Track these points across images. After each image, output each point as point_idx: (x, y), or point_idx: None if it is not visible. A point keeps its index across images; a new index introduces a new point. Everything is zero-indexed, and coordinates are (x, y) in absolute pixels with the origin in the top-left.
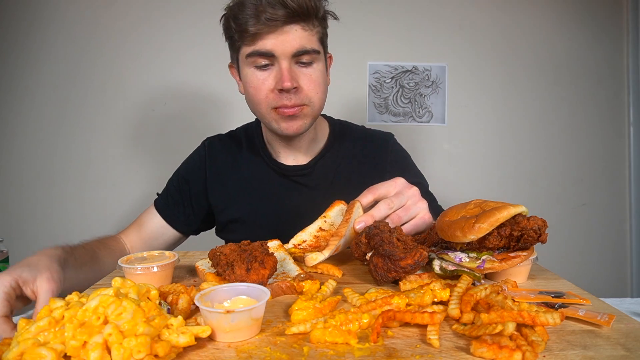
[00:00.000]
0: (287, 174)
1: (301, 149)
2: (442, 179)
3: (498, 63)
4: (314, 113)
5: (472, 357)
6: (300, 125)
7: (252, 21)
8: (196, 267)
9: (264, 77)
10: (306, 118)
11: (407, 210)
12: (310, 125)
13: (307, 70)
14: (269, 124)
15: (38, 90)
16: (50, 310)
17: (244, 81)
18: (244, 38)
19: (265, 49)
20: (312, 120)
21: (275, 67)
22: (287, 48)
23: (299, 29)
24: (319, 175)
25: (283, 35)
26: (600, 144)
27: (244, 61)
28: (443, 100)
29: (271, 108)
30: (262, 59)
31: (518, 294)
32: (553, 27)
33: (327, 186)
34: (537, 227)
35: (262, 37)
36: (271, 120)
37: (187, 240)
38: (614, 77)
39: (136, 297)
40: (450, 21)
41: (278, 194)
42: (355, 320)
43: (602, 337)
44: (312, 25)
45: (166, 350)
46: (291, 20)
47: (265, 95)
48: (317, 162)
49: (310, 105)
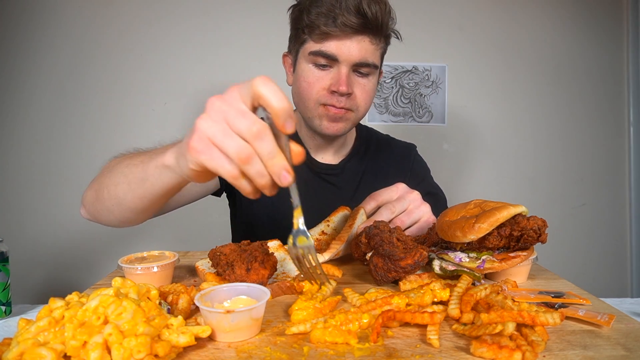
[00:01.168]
0: (319, 171)
1: (332, 149)
2: (442, 179)
3: (498, 63)
4: (356, 119)
5: (472, 357)
6: (341, 127)
7: (326, 21)
8: (196, 267)
9: (321, 75)
10: (348, 122)
11: (409, 215)
12: (350, 129)
13: (363, 81)
14: (311, 119)
15: (37, 90)
16: (50, 310)
17: (299, 74)
18: (313, 34)
19: (331, 52)
20: (353, 126)
21: (334, 70)
22: (351, 56)
23: (367, 40)
24: (347, 176)
25: (351, 42)
26: (600, 143)
27: (305, 56)
28: (443, 100)
29: (319, 104)
30: (324, 60)
31: (518, 294)
32: (553, 27)
33: (353, 188)
34: (537, 227)
35: (330, 38)
36: (315, 115)
37: (187, 240)
38: (614, 77)
39: (136, 297)
40: (451, 21)
41: (306, 188)
42: (356, 320)
43: (602, 337)
44: (379, 40)
45: (166, 350)
46: (362, 31)
47: (317, 92)
48: (346, 163)
49: (356, 112)
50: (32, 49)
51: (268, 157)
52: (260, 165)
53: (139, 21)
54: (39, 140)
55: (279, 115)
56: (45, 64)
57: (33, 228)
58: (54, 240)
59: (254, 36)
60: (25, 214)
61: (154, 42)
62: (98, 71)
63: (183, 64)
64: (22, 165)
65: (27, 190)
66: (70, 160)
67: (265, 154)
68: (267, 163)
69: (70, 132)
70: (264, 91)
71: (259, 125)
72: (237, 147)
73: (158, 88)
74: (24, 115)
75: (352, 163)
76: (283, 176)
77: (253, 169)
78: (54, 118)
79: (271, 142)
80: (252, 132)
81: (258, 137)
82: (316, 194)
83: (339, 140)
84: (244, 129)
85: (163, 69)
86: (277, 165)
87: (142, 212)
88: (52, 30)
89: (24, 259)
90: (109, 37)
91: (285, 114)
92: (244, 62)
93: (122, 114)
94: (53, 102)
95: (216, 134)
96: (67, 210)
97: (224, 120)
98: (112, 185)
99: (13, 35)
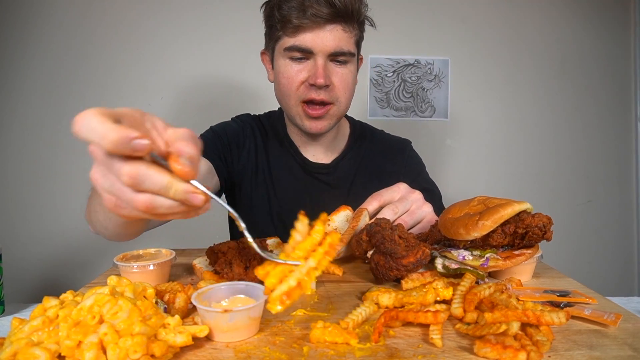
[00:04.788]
0: (310, 170)
1: (322, 146)
2: (445, 175)
3: (502, 57)
4: (339, 113)
5: (476, 357)
6: (324, 125)
7: (297, 14)
8: (193, 265)
9: (299, 69)
10: (332, 118)
11: (412, 215)
12: (335, 125)
13: (340, 70)
14: (293, 118)
15: (31, 86)
16: (44, 309)
17: (277, 71)
18: (286, 29)
19: (305, 45)
20: (337, 120)
21: (310, 62)
22: (325, 46)
23: (339, 29)
24: (340, 174)
25: (324, 33)
26: (606, 139)
27: (281, 52)
28: (446, 94)
29: (300, 101)
30: (299, 53)
31: (522, 293)
32: (558, 20)
33: (347, 186)
34: (542, 224)
35: (303, 31)
36: (296, 115)
37: (184, 238)
38: (621, 71)
39: (132, 296)
40: (453, 14)
41: (298, 187)
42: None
43: (609, 336)
44: (352, 27)
45: (163, 350)
46: (334, 20)
47: (297, 87)
48: (339, 162)
49: (337, 104)
50: (25, 44)
51: (165, 192)
52: (162, 201)
53: (135, 14)
54: (32, 138)
55: (117, 149)
56: (39, 59)
57: (27, 226)
58: (48, 238)
59: (250, 29)
60: (18, 212)
61: (150, 36)
62: (93, 66)
63: (179, 57)
64: (15, 163)
65: (20, 188)
66: (65, 157)
67: (160, 190)
68: (170, 197)
69: (64, 128)
70: (85, 136)
71: (128, 170)
72: (131, 202)
73: (154, 82)
74: (20, 113)
75: (345, 161)
76: (192, 199)
77: (162, 209)
78: (48, 114)
79: (154, 176)
80: (130, 179)
81: (137, 181)
82: (310, 194)
83: (327, 136)
84: (122, 179)
85: (159, 63)
86: (180, 194)
87: (125, 235)
88: (47, 25)
89: (17, 257)
90: (105, 30)
91: (121, 143)
92: (240, 55)
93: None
94: (47, 98)
95: (110, 189)
96: (60, 208)
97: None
98: (93, 212)
99: (5, 31)
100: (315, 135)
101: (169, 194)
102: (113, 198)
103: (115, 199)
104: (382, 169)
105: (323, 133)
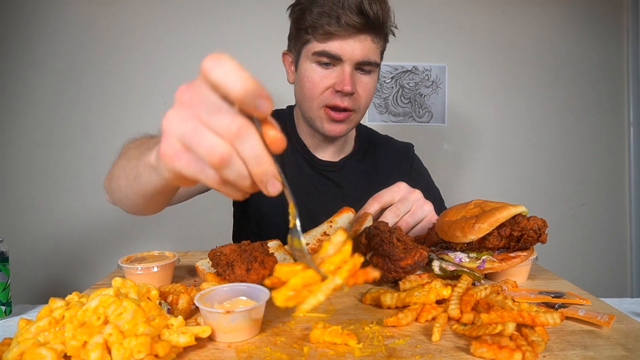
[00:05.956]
0: (319, 168)
1: (334, 147)
2: (442, 179)
3: (498, 63)
4: (357, 119)
5: (472, 357)
6: (343, 129)
7: (329, 20)
8: (196, 267)
9: (325, 74)
10: (350, 123)
11: (413, 215)
12: (351, 129)
13: (365, 78)
14: (313, 120)
15: (37, 89)
16: (51, 310)
17: (302, 74)
18: (316, 34)
19: (334, 52)
20: (354, 126)
21: (337, 69)
22: (354, 55)
23: (369, 39)
24: (348, 174)
25: (354, 42)
26: (600, 144)
27: (308, 56)
28: (443, 100)
29: (322, 106)
30: (327, 59)
31: (518, 294)
32: (553, 27)
33: (354, 186)
34: (537, 227)
35: (334, 38)
36: (317, 117)
37: (186, 240)
38: (614, 77)
39: (136, 297)
40: (450, 21)
41: (307, 185)
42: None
43: (602, 337)
44: (380, 38)
45: (166, 350)
46: (365, 30)
47: (321, 92)
48: (346, 162)
49: (358, 111)
50: (31, 49)
51: (254, 163)
52: (239, 165)
53: (140, 21)
54: (39, 140)
55: (244, 101)
56: (44, 64)
57: (33, 228)
58: (54, 240)
59: (255, 35)
60: (25, 213)
61: (155, 42)
62: (98, 71)
63: (183, 63)
64: (22, 165)
65: (27, 190)
66: (70, 160)
67: (250, 158)
68: (252, 169)
69: (70, 132)
70: (217, 77)
71: (238, 122)
72: (210, 147)
73: (158, 88)
74: (24, 115)
75: (353, 162)
76: (271, 184)
77: (232, 172)
78: (54, 118)
79: (256, 143)
80: (231, 131)
81: (238, 136)
82: (317, 190)
83: (340, 140)
84: (220, 128)
85: (163, 69)
86: (264, 172)
87: (145, 207)
88: (51, 29)
89: (24, 259)
90: (110, 36)
91: (251, 96)
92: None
93: (123, 114)
94: (53, 101)
95: (186, 134)
96: (67, 210)
97: (195, 117)
98: (115, 178)
99: (12, 35)
100: (331, 138)
101: (257, 166)
102: (178, 144)
103: (180, 145)
104: (388, 171)
105: (340, 137)
